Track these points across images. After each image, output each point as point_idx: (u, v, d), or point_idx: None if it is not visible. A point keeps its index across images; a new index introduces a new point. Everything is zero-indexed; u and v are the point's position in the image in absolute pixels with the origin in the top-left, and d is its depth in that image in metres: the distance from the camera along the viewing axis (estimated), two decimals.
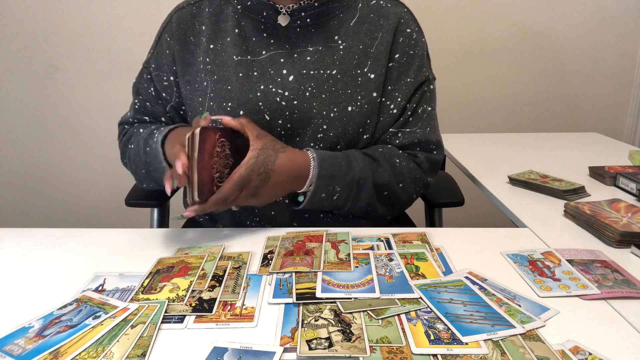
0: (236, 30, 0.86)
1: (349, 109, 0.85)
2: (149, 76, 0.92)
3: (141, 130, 0.90)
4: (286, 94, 0.84)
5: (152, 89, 0.92)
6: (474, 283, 0.65)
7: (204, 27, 0.88)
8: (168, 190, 0.74)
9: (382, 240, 0.78)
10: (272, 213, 0.89)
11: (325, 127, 0.85)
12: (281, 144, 0.80)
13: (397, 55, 0.88)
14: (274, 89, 0.84)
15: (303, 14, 0.85)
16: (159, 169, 0.83)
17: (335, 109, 0.84)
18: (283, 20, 0.85)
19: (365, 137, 0.88)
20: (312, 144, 0.86)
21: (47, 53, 2.05)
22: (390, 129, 0.90)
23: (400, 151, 0.90)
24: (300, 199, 0.83)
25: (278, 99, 0.84)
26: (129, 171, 0.96)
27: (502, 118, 2.19)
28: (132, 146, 0.90)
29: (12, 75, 2.08)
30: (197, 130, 0.72)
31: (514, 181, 1.10)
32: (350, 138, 0.86)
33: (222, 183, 0.74)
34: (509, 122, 2.19)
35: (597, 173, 1.13)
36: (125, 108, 0.98)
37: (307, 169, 0.80)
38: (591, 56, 2.14)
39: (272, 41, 0.85)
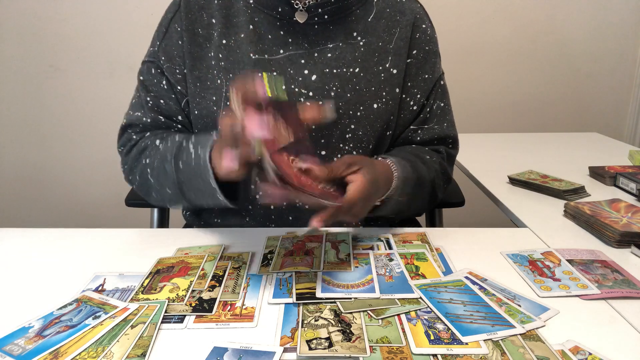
0: (250, 27, 0.83)
1: (375, 106, 0.84)
2: (158, 70, 0.85)
3: (157, 142, 0.82)
4: (310, 94, 0.82)
5: (164, 82, 0.85)
6: (474, 283, 0.65)
7: (213, 20, 0.84)
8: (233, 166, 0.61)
9: (382, 240, 0.78)
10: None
11: (353, 126, 0.84)
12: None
13: (414, 52, 0.88)
14: (296, 89, 0.82)
15: (320, 10, 0.83)
16: (200, 188, 0.73)
17: (361, 107, 0.83)
18: (301, 17, 0.82)
19: (388, 133, 0.88)
20: (340, 145, 0.84)
21: (47, 53, 2.05)
22: (411, 126, 0.90)
23: (427, 148, 0.91)
24: None
25: (302, 99, 0.82)
26: (138, 189, 0.87)
27: (502, 118, 2.19)
28: (148, 161, 0.81)
29: (12, 75, 2.08)
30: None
31: (514, 181, 1.10)
32: (378, 136, 0.86)
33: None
34: (509, 122, 2.19)
35: (597, 173, 1.13)
36: (125, 108, 0.92)
37: (391, 176, 0.77)
38: (591, 56, 2.14)
39: (289, 39, 0.83)
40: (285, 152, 0.60)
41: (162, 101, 0.86)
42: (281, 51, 0.83)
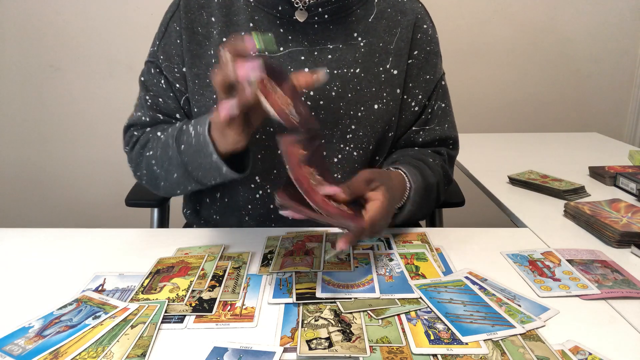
0: (250, 25, 0.83)
1: (376, 107, 0.84)
2: (157, 69, 0.86)
3: (159, 133, 0.82)
4: (311, 93, 0.82)
5: (162, 81, 0.86)
6: (474, 283, 0.65)
7: (213, 19, 0.84)
8: (225, 115, 0.60)
9: (382, 240, 0.78)
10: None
11: (353, 127, 0.84)
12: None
13: (415, 52, 0.88)
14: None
15: (320, 9, 0.82)
16: (205, 164, 0.72)
17: (362, 108, 0.83)
18: (301, 16, 0.82)
19: (390, 134, 0.88)
20: (341, 145, 0.84)
21: (47, 53, 2.05)
22: (413, 127, 0.90)
23: (429, 150, 0.91)
24: None
25: (302, 98, 0.82)
26: (147, 183, 0.87)
27: (502, 118, 2.19)
28: (151, 152, 0.82)
29: (12, 76, 2.08)
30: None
31: (514, 181, 1.10)
32: (379, 137, 0.86)
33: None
34: (509, 122, 2.19)
35: (597, 173, 1.13)
36: (125, 108, 0.93)
37: (404, 187, 0.78)
38: (591, 56, 2.14)
39: (289, 37, 0.83)
40: (306, 166, 0.60)
41: (160, 99, 0.87)
42: (281, 49, 0.83)
